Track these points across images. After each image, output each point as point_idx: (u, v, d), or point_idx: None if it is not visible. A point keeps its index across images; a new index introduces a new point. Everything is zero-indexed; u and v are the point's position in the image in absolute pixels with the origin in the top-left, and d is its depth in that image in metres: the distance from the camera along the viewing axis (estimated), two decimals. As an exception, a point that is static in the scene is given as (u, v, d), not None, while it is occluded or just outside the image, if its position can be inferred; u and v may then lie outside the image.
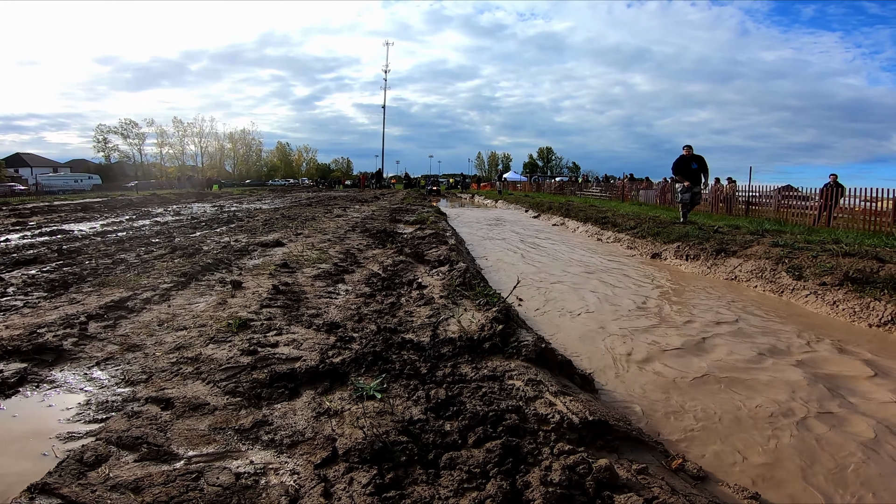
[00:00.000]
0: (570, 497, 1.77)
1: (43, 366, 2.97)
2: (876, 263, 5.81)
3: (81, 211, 15.46)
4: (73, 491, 1.75)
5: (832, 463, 2.48)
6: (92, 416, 2.42)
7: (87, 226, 10.97)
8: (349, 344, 3.23)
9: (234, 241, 8.17)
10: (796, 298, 5.67)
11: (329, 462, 1.97)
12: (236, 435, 2.17)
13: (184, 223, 11.54)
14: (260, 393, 2.54)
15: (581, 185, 37.03)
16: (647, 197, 22.95)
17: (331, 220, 12.53)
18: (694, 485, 2.19)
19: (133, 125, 65.61)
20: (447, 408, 2.39)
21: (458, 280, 4.98)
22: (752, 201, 15.94)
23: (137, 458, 1.97)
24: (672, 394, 3.24)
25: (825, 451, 2.58)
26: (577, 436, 2.26)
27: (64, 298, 4.36)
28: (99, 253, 6.76)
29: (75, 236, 8.98)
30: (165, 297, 4.41)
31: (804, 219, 13.45)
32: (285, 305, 4.20)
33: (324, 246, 7.62)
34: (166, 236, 8.87)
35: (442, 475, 1.89)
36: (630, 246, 9.92)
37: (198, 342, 3.28)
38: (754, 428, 2.81)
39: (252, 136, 77.64)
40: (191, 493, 1.75)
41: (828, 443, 2.67)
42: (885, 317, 4.66)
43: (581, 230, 12.99)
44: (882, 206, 11.56)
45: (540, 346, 3.18)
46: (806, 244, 7.55)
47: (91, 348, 3.23)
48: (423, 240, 8.46)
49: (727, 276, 6.95)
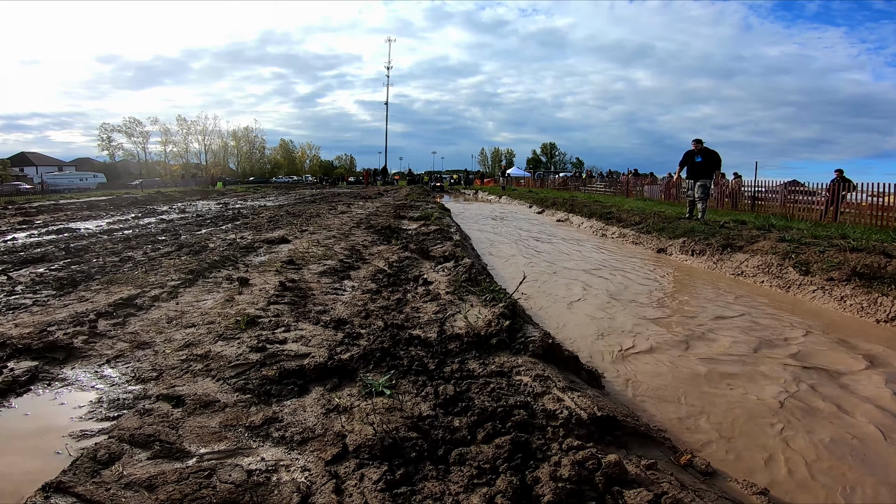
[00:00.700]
0: (579, 492, 1.78)
1: (54, 364, 2.99)
2: (884, 259, 5.78)
3: (87, 209, 15.53)
4: (88, 489, 1.76)
5: (830, 454, 2.49)
6: (104, 413, 2.44)
7: (94, 224, 11.02)
8: (357, 340, 3.24)
9: (239, 238, 8.19)
10: (803, 294, 5.65)
11: (339, 459, 1.98)
12: (247, 432, 2.18)
13: (189, 221, 11.58)
14: (269, 390, 2.55)
15: (585, 180, 36.92)
16: (652, 192, 22.86)
17: (335, 216, 12.55)
18: (703, 480, 2.20)
19: (137, 123, 65.60)
20: (456, 404, 2.40)
21: (464, 276, 4.99)
22: (758, 196, 15.86)
23: (150, 455, 1.99)
24: (679, 389, 3.24)
25: (829, 447, 2.59)
26: (586, 431, 2.27)
27: (73, 296, 4.39)
28: (106, 251, 6.80)
29: (82, 234, 9.03)
30: (173, 295, 4.44)
31: (810, 214, 13.37)
32: (292, 302, 4.21)
33: (329, 242, 7.64)
34: (172, 234, 8.91)
35: (452, 471, 1.90)
36: (635, 241, 9.90)
37: (207, 339, 3.30)
38: (761, 422, 2.81)
39: (255, 133, 77.67)
40: (204, 490, 1.76)
41: (832, 440, 2.67)
42: (892, 312, 4.64)
43: (586, 226, 12.96)
44: (889, 202, 11.47)
45: (547, 342, 3.19)
46: (813, 239, 7.52)
47: (101, 346, 3.25)
48: (427, 236, 8.46)
49: (733, 272, 6.92)
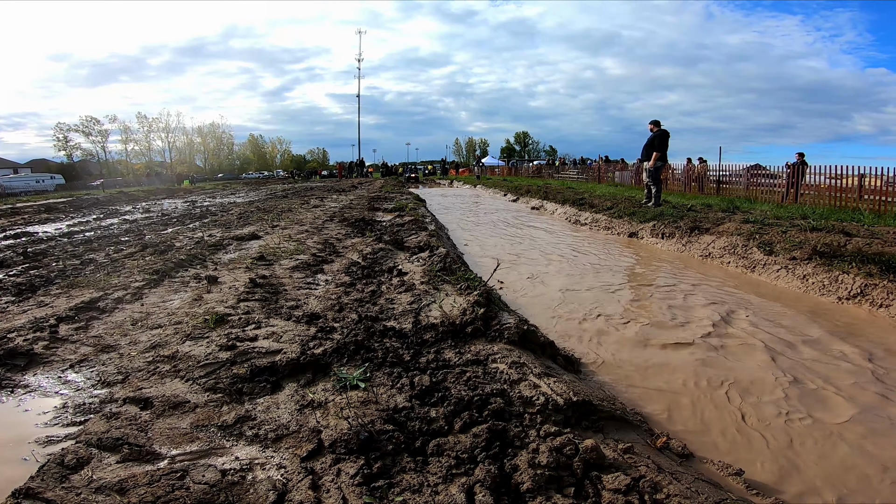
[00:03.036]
0: (558, 478, 1.79)
1: (15, 370, 2.87)
2: (843, 237, 5.99)
3: (45, 212, 14.90)
4: (58, 494, 1.70)
5: (804, 434, 2.57)
6: (69, 419, 2.36)
7: (53, 227, 10.58)
8: (330, 334, 3.19)
9: (207, 235, 7.98)
10: (767, 273, 5.82)
11: (315, 454, 1.95)
12: (219, 432, 2.13)
13: (154, 220, 11.22)
14: (241, 388, 2.49)
15: (558, 168, 37.26)
16: (623, 178, 23.26)
17: (308, 210, 12.35)
18: (679, 462, 2.24)
19: (95, 122, 62.96)
20: (432, 394, 2.39)
21: (439, 265, 4.97)
22: (723, 180, 16.28)
23: (120, 459, 1.92)
24: (653, 373, 3.30)
25: (796, 424, 2.68)
26: (563, 417, 2.29)
27: (31, 302, 4.21)
28: (66, 254, 6.53)
29: (40, 238, 8.66)
30: (138, 296, 4.30)
31: (772, 196, 13.81)
32: (263, 298, 4.13)
33: (301, 237, 7.51)
34: (136, 234, 8.62)
35: (430, 462, 1.89)
36: (607, 226, 10.04)
37: (174, 340, 3.21)
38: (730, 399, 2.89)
39: (222, 129, 75.63)
40: (177, 492, 1.71)
41: (799, 414, 2.76)
42: (853, 290, 4.82)
43: (559, 212, 13.08)
44: (847, 183, 11.92)
45: (522, 328, 3.20)
46: (775, 220, 7.75)
47: (63, 351, 3.13)
48: (402, 227, 8.41)
49: (701, 253, 7.09)
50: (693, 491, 1.84)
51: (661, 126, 10.85)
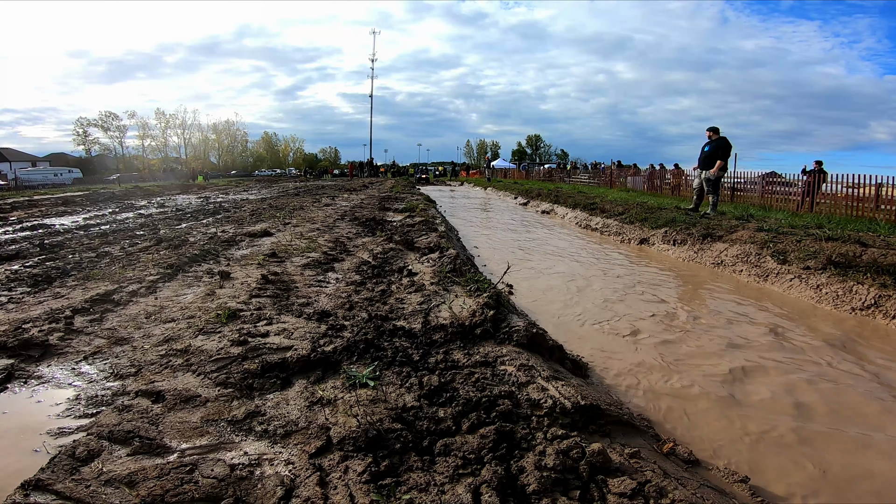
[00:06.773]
0: (564, 481, 1.79)
1: (30, 361, 2.92)
2: (859, 248, 5.91)
3: (63, 205, 15.14)
4: (68, 486, 1.73)
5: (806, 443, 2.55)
6: (82, 410, 2.40)
7: (69, 220, 10.74)
8: (340, 332, 3.22)
9: (220, 231, 8.07)
10: (780, 283, 5.76)
11: (324, 451, 1.96)
12: (229, 426, 2.15)
13: (169, 215, 11.36)
14: (252, 383, 2.52)
15: (570, 172, 37.10)
16: (635, 183, 23.10)
17: (319, 209, 12.43)
18: (685, 468, 2.23)
19: (114, 117, 63.99)
20: (440, 394, 2.39)
21: (449, 267, 4.98)
22: (738, 187, 16.12)
23: (130, 452, 1.95)
24: (661, 379, 3.28)
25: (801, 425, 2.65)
26: (570, 420, 2.28)
27: (48, 293, 4.28)
28: (82, 247, 6.64)
29: (57, 230, 8.80)
30: (152, 290, 4.35)
31: (787, 204, 13.64)
32: (275, 295, 4.17)
33: (313, 235, 7.56)
34: (151, 228, 8.74)
35: (437, 461, 1.90)
36: (618, 232, 9.98)
37: (187, 334, 3.25)
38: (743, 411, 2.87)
39: (236, 126, 76.46)
40: (186, 485, 1.73)
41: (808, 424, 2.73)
42: (867, 300, 4.75)
43: (570, 216, 13.04)
44: (864, 193, 11.73)
45: (531, 332, 3.20)
46: (790, 229, 7.66)
47: (78, 342, 3.18)
48: (412, 227, 8.43)
49: (713, 261, 7.03)
50: (698, 497, 1.83)
51: (720, 133, 10.24)
